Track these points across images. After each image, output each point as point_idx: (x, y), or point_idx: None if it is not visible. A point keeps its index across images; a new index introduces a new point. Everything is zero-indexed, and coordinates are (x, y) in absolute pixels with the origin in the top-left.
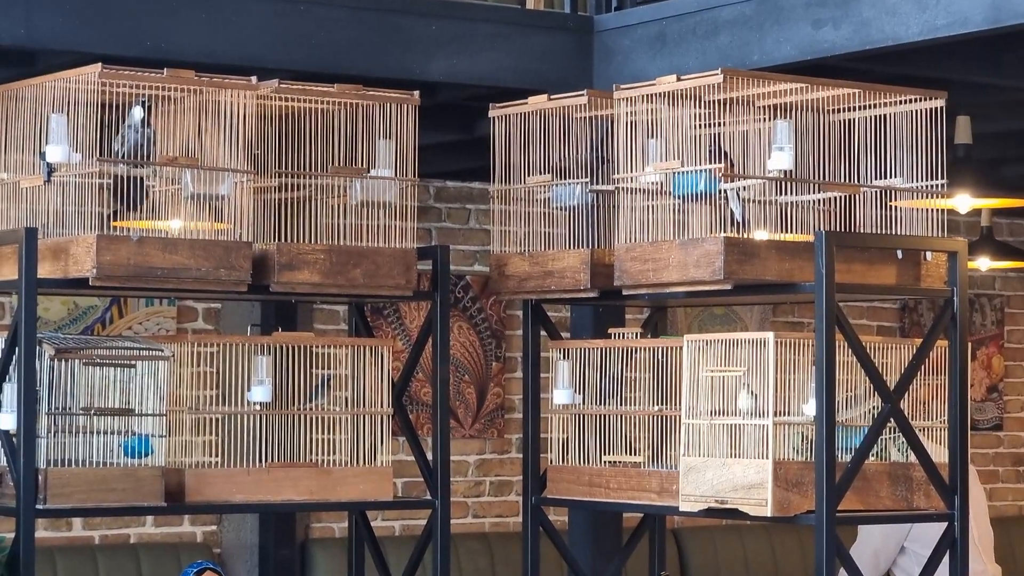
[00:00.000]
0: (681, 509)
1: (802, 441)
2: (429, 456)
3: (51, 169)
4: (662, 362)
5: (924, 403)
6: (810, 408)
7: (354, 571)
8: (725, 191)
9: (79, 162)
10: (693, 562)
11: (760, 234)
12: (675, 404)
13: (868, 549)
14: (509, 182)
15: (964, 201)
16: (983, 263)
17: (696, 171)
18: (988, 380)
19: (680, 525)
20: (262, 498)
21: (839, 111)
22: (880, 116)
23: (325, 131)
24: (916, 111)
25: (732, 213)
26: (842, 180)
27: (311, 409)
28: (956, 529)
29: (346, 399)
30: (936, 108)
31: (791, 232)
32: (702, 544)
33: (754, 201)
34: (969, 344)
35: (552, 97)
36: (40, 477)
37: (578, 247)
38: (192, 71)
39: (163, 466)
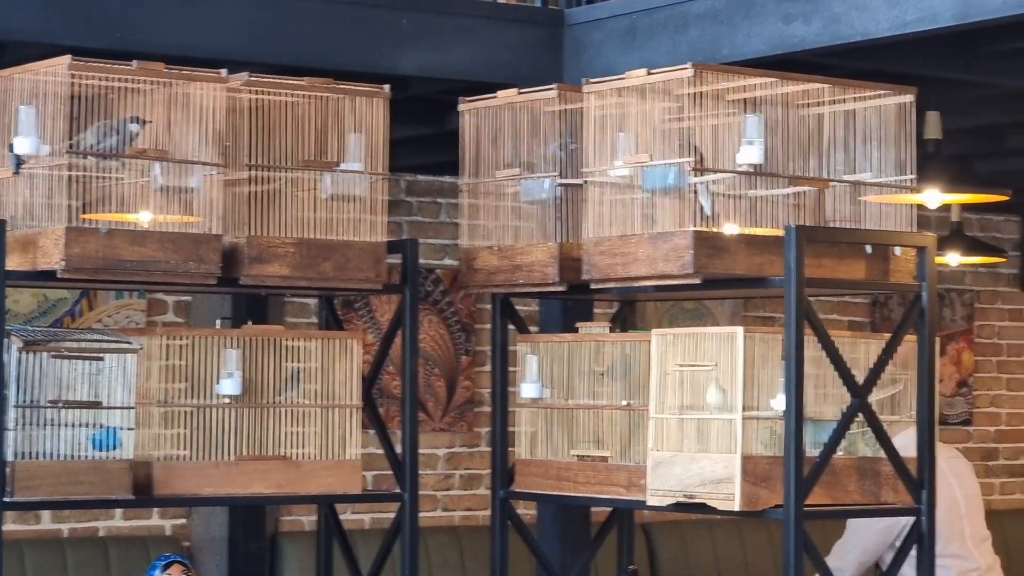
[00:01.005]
0: (649, 503)
1: (771, 436)
2: (398, 449)
3: (20, 161)
4: (631, 356)
5: (893, 397)
6: (779, 403)
7: (323, 564)
8: (695, 185)
9: (48, 154)
10: (662, 556)
11: (730, 228)
12: (643, 398)
13: (858, 544)
14: (478, 176)
15: (934, 196)
16: (953, 258)
17: (666, 165)
18: (957, 375)
19: (649, 519)
20: (231, 491)
21: (809, 106)
22: (850, 111)
23: (296, 124)
24: (886, 106)
25: (701, 207)
26: (812, 175)
27: (281, 402)
28: (923, 524)
29: (316, 392)
30: (906, 103)
31: (761, 226)
32: (671, 538)
33: (724, 195)
34: (938, 339)
35: (522, 91)
36: (8, 470)
37: (547, 241)
38: (162, 64)
39: (132, 459)
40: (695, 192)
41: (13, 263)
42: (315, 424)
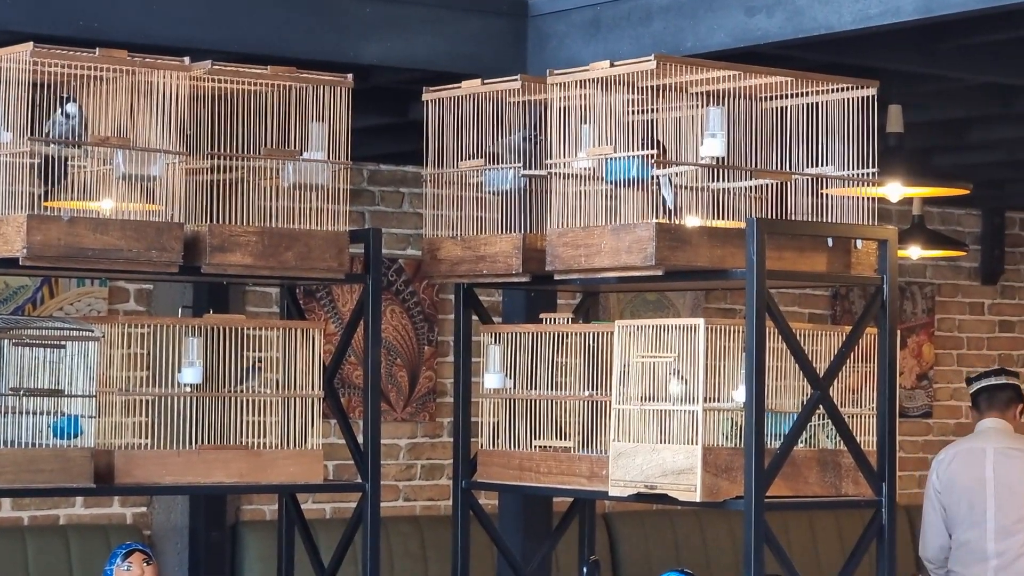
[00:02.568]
0: (611, 494)
1: (732, 427)
2: (360, 439)
3: None
4: (593, 347)
5: (854, 390)
6: (740, 394)
7: (284, 554)
8: (657, 177)
9: (10, 141)
10: (623, 547)
11: (692, 220)
12: (606, 389)
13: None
14: (442, 166)
15: (895, 190)
16: (914, 251)
17: (629, 157)
18: (918, 368)
19: (610, 510)
20: (192, 480)
21: (772, 99)
22: (812, 104)
23: (258, 113)
24: (848, 99)
25: (664, 199)
26: (774, 167)
27: (242, 391)
28: (884, 516)
29: (277, 381)
30: (868, 97)
31: (723, 219)
32: (632, 529)
33: (686, 187)
34: (899, 332)
35: (486, 81)
36: None
37: (510, 232)
38: (125, 51)
39: (93, 447)
40: (658, 184)
41: None
42: (276, 413)
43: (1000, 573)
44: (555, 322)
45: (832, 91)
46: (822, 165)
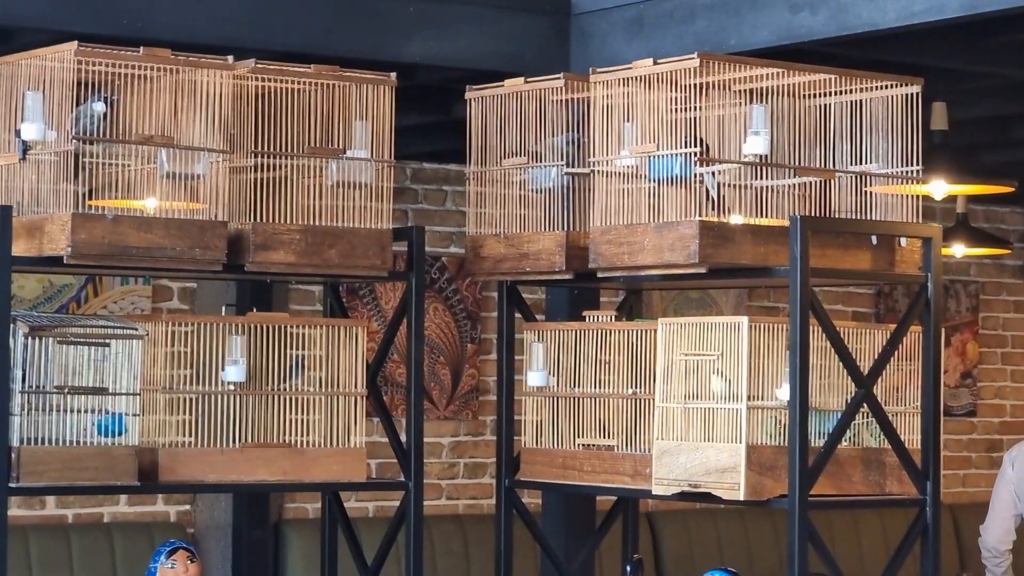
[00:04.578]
0: (654, 492)
1: (775, 425)
2: (403, 437)
3: (26, 147)
4: (636, 345)
5: (898, 388)
6: (783, 392)
7: (327, 552)
8: (701, 175)
9: (54, 140)
10: (666, 545)
11: (735, 218)
12: (649, 387)
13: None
14: (485, 164)
15: (939, 187)
16: (958, 249)
17: (672, 155)
18: (962, 366)
19: (654, 508)
20: (235, 478)
21: (815, 96)
22: (856, 101)
23: (301, 111)
24: (892, 97)
25: (708, 197)
26: (818, 165)
27: (285, 389)
28: (928, 515)
29: (320, 379)
30: (912, 94)
31: (766, 216)
32: (675, 528)
33: (730, 185)
34: (943, 330)
35: (528, 80)
36: (13, 455)
37: (553, 229)
38: (168, 50)
39: (137, 445)
40: (701, 182)
41: (19, 249)
42: (319, 411)
43: None
44: (598, 320)
45: (876, 88)
46: (866, 163)
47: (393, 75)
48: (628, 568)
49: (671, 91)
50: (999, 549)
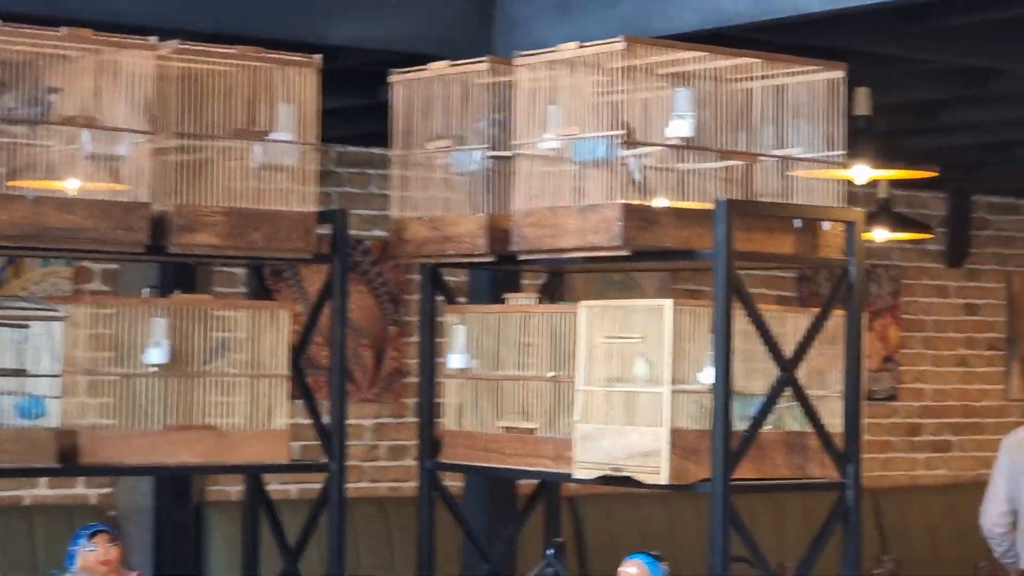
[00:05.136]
0: (576, 476)
1: (698, 409)
2: (326, 420)
3: None
4: (559, 328)
5: (820, 372)
6: (706, 376)
7: (249, 534)
8: (625, 158)
9: None
10: (588, 529)
11: (660, 201)
12: (572, 370)
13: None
14: (409, 147)
15: (862, 172)
16: (880, 234)
17: (596, 137)
18: (884, 350)
19: (576, 492)
20: (157, 460)
21: (740, 80)
22: (780, 86)
23: (226, 93)
24: (816, 82)
25: (632, 180)
26: (742, 149)
27: (208, 372)
28: (849, 498)
29: (243, 362)
30: (836, 79)
31: (690, 200)
32: (598, 512)
33: (654, 168)
34: (865, 314)
35: (453, 63)
36: None
37: (476, 212)
38: (91, 30)
39: (57, 427)
40: (625, 165)
41: None
42: (242, 394)
43: None
44: (520, 302)
45: (800, 73)
46: (790, 147)
47: (318, 57)
48: (548, 552)
49: (596, 74)
50: (995, 532)
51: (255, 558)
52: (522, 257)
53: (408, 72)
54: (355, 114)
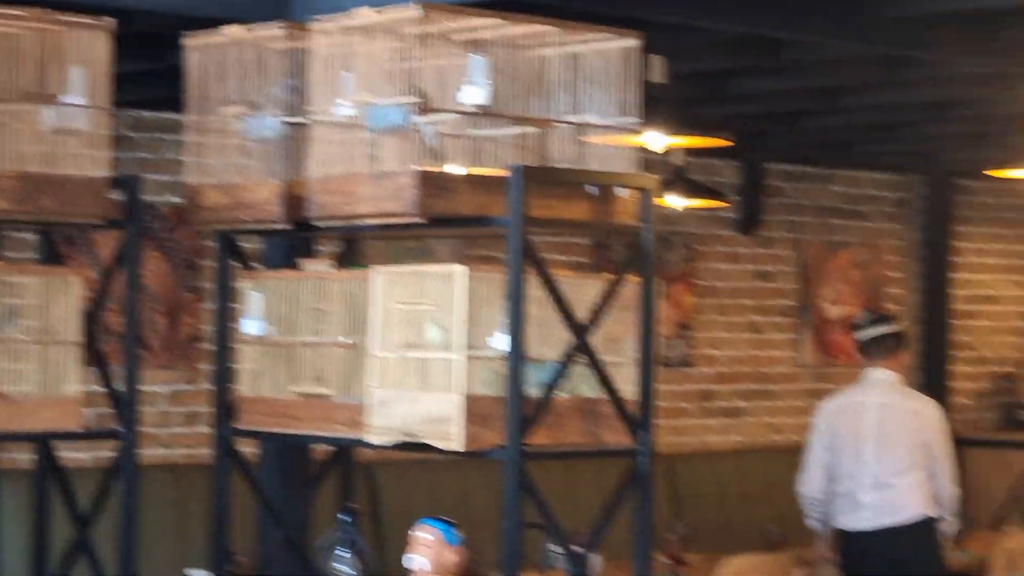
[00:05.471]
0: (370, 442)
1: (492, 376)
2: (120, 387)
3: None
4: (353, 294)
5: (615, 339)
6: (498, 342)
7: (40, 503)
8: (419, 125)
9: None
10: (384, 496)
11: (454, 168)
12: (367, 336)
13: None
14: (204, 113)
15: (657, 139)
16: (675, 201)
17: (391, 104)
18: (678, 317)
19: (372, 458)
20: None
21: (535, 47)
22: (576, 53)
23: (15, 55)
24: (611, 49)
25: (426, 147)
26: (537, 116)
27: None
28: (642, 464)
29: (34, 328)
30: (631, 47)
31: (485, 167)
32: (393, 478)
33: (449, 135)
34: (660, 281)
35: (248, 27)
36: None
37: (271, 179)
38: None
39: None
40: (419, 132)
41: None
42: (33, 361)
43: (871, 523)
44: (315, 269)
45: (595, 41)
46: (585, 114)
47: (110, 20)
48: (342, 517)
49: (391, 41)
50: (814, 497)
51: (46, 528)
52: (317, 224)
53: (202, 36)
54: (149, 78)
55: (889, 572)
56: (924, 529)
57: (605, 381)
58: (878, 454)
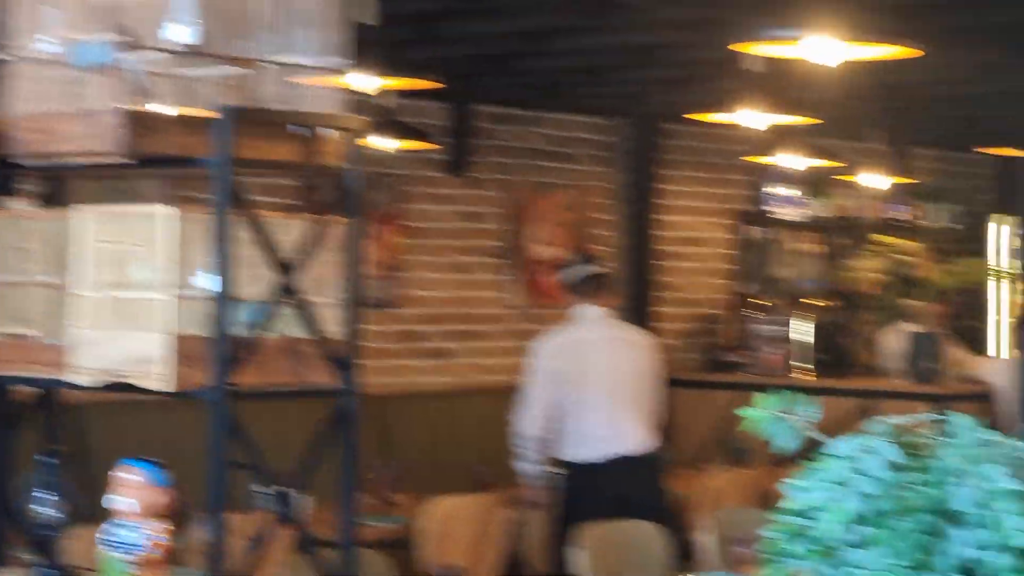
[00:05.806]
0: (75, 382)
1: (199, 315)
2: None
3: None
4: (56, 233)
5: (321, 280)
6: (204, 281)
7: None
8: (125, 63)
9: None
10: (92, 438)
11: (161, 108)
12: (69, 276)
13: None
14: None
15: (367, 81)
16: (384, 142)
17: (96, 42)
18: (387, 258)
19: (80, 400)
20: None
21: None
22: None
23: None
24: None
25: (132, 85)
26: (244, 56)
27: None
28: (346, 404)
29: None
30: None
31: (194, 107)
32: (101, 420)
33: (157, 75)
34: (368, 222)
35: None
36: None
37: None
38: None
39: None
40: (125, 70)
41: None
42: None
43: (602, 452)
44: (16, 207)
45: None
46: (293, 54)
47: None
48: (40, 459)
49: None
50: (532, 435)
51: None
52: (18, 162)
53: None
54: None
55: (616, 502)
56: (651, 459)
57: (311, 321)
58: (606, 386)
